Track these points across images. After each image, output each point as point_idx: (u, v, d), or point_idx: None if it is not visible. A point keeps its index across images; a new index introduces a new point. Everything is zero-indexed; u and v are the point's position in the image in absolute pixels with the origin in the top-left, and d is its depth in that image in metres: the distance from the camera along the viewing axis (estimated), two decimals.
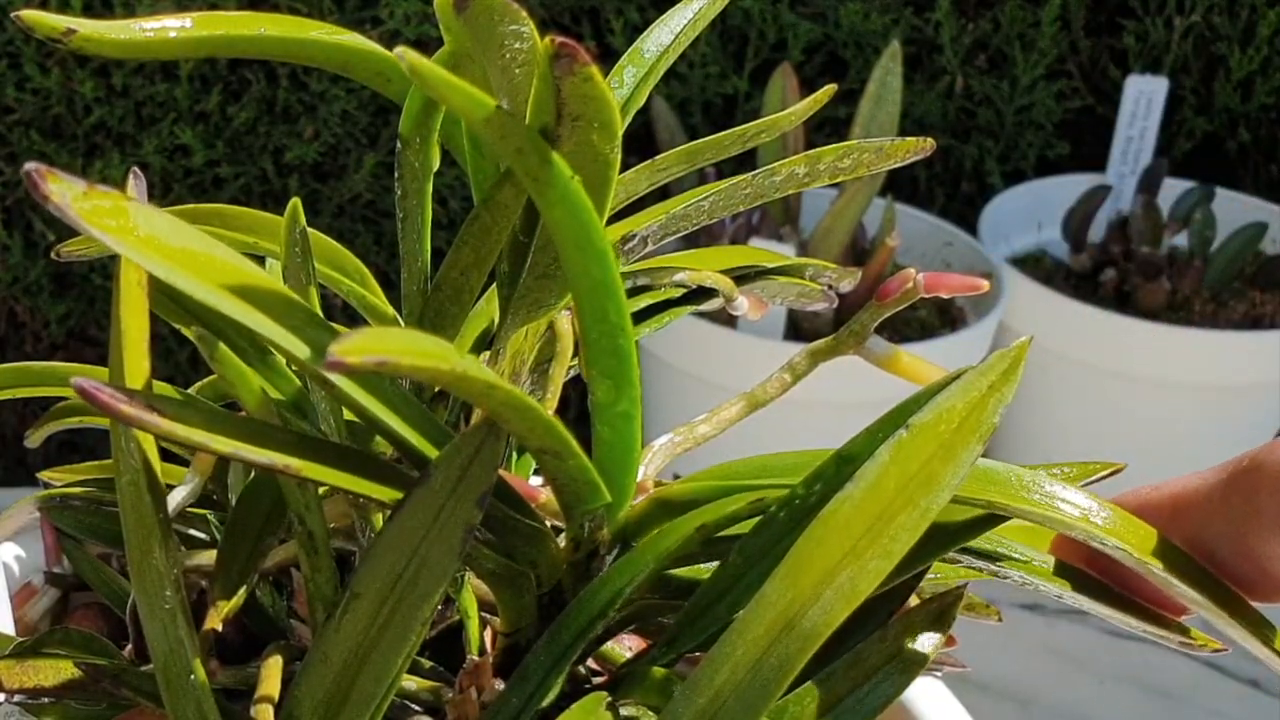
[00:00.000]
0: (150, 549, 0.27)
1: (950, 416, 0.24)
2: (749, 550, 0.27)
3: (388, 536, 0.25)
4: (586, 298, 0.25)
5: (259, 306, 0.23)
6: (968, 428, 0.24)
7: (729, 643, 0.24)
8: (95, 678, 0.32)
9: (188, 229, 0.23)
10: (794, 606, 0.23)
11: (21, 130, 1.07)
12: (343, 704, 0.25)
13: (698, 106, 1.20)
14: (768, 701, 0.23)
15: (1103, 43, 1.27)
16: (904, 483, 0.24)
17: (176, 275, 0.22)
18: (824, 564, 0.23)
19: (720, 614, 0.27)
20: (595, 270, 0.25)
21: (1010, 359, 0.25)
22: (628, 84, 0.34)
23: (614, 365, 0.26)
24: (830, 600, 0.23)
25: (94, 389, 0.22)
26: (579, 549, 0.29)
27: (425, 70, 0.22)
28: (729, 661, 0.24)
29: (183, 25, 0.30)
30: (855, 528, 0.24)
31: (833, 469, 0.26)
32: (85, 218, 0.21)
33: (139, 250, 0.22)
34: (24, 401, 0.39)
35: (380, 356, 0.20)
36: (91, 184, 0.22)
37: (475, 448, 0.24)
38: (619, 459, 0.27)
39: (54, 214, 0.21)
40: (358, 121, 1.12)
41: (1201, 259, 1.13)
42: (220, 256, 0.23)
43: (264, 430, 0.25)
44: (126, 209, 0.22)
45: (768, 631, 0.23)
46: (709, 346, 0.98)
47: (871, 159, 0.35)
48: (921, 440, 0.24)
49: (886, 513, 0.24)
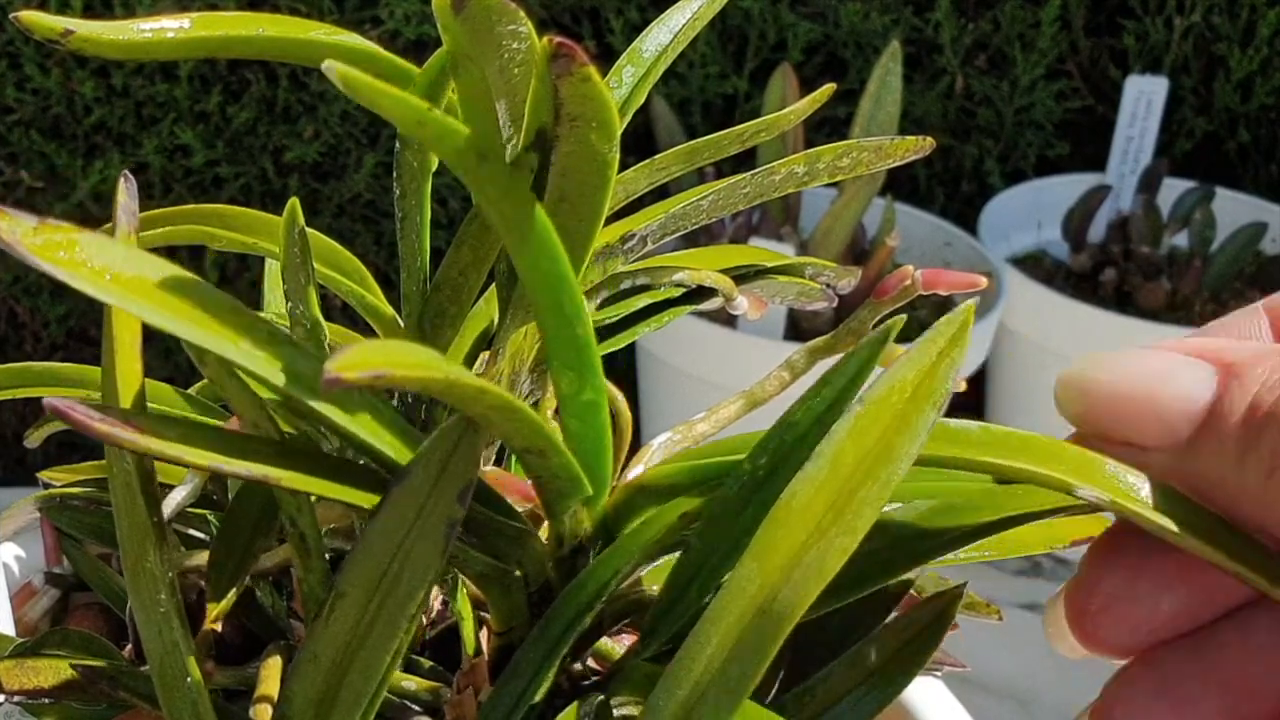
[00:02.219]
0: (145, 552, 0.27)
1: (903, 386, 0.24)
2: (707, 534, 0.27)
3: (371, 535, 0.25)
4: (540, 291, 0.25)
5: (214, 328, 0.23)
6: (920, 396, 0.24)
7: (703, 632, 0.24)
8: (93, 679, 0.32)
9: (143, 257, 0.23)
10: (764, 590, 0.23)
11: (21, 130, 1.07)
12: (334, 702, 0.26)
13: (697, 106, 1.20)
14: (747, 686, 0.23)
15: (1103, 43, 1.27)
16: (861, 457, 0.24)
17: (127, 302, 0.22)
18: (789, 545, 0.23)
19: (691, 600, 0.27)
20: (544, 263, 0.25)
21: (958, 324, 0.25)
22: (626, 84, 0.34)
23: (573, 355, 0.26)
24: (800, 580, 0.23)
25: (67, 408, 0.22)
26: (562, 545, 0.29)
27: (355, 80, 0.22)
28: (705, 650, 0.24)
29: (181, 26, 0.30)
30: (817, 506, 0.24)
31: (776, 440, 0.27)
32: (36, 253, 0.22)
33: (90, 282, 0.22)
34: (24, 401, 0.39)
35: (377, 370, 0.20)
36: (43, 219, 0.22)
37: (453, 443, 0.25)
38: (590, 449, 0.27)
39: (7, 251, 0.22)
40: (358, 121, 1.12)
41: (1201, 259, 1.13)
42: (173, 282, 0.23)
43: (243, 442, 0.25)
44: (78, 241, 0.22)
45: (740, 618, 0.23)
46: (709, 346, 0.99)
47: (871, 158, 0.35)
48: (876, 413, 0.24)
49: (846, 488, 0.24)
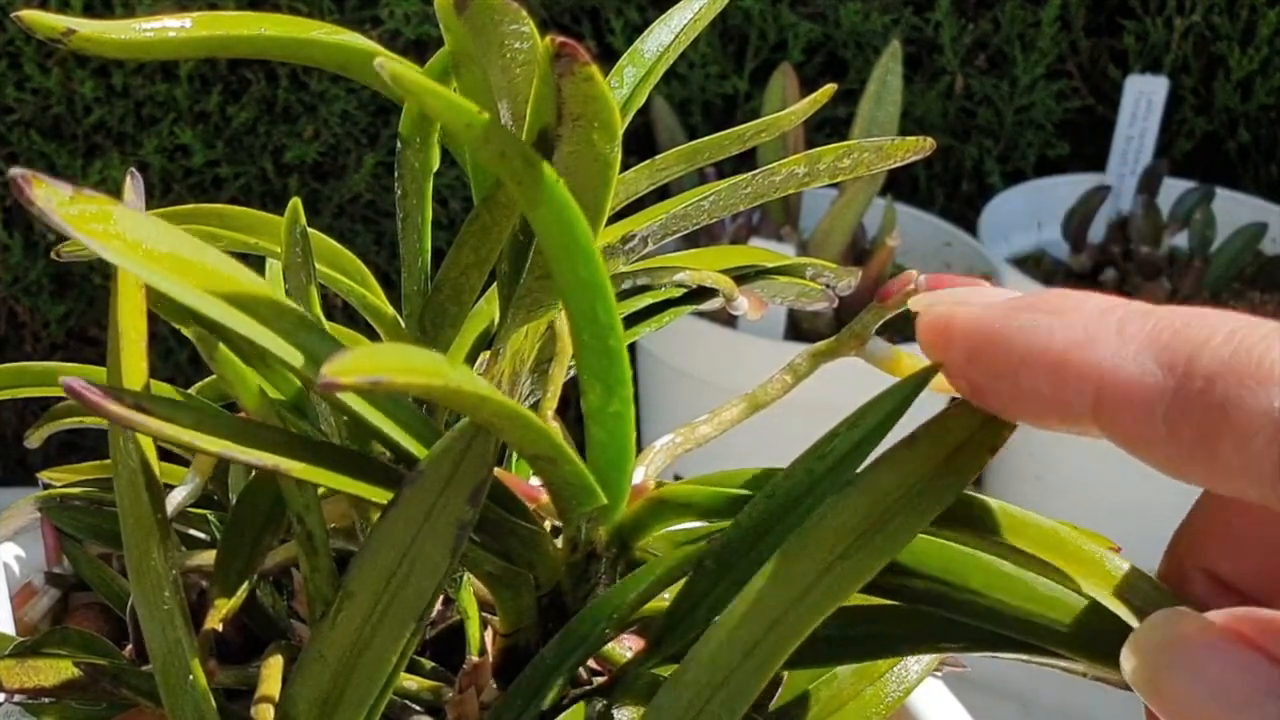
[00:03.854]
0: (149, 550, 0.27)
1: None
2: (723, 556, 0.27)
3: (380, 534, 0.25)
4: (575, 300, 0.25)
5: (248, 311, 0.23)
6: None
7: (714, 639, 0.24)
8: (94, 678, 0.32)
9: (177, 233, 0.23)
10: (778, 610, 0.24)
11: (21, 130, 1.07)
12: (339, 702, 0.26)
13: (698, 106, 1.20)
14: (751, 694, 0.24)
15: (1103, 43, 1.27)
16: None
17: (161, 279, 0.22)
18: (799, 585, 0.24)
19: (700, 618, 0.27)
20: (583, 271, 0.25)
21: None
22: (628, 84, 0.34)
23: (605, 366, 0.26)
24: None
25: (83, 389, 0.22)
26: (576, 550, 0.29)
27: (407, 79, 0.22)
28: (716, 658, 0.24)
29: (182, 25, 0.30)
30: (850, 527, 0.24)
31: (803, 470, 0.27)
32: (71, 222, 0.21)
33: (125, 255, 0.22)
34: (24, 401, 0.39)
35: (374, 376, 0.20)
36: (78, 189, 0.22)
37: (466, 445, 0.25)
38: (613, 460, 0.27)
39: (39, 219, 0.21)
40: (358, 121, 1.12)
41: (1201, 259, 1.13)
42: (210, 261, 0.23)
43: (255, 430, 0.25)
44: (112, 213, 0.22)
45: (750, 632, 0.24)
46: (709, 346, 0.99)
47: (871, 158, 0.35)
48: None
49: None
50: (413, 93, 0.22)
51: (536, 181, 0.23)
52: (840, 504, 0.24)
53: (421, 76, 0.22)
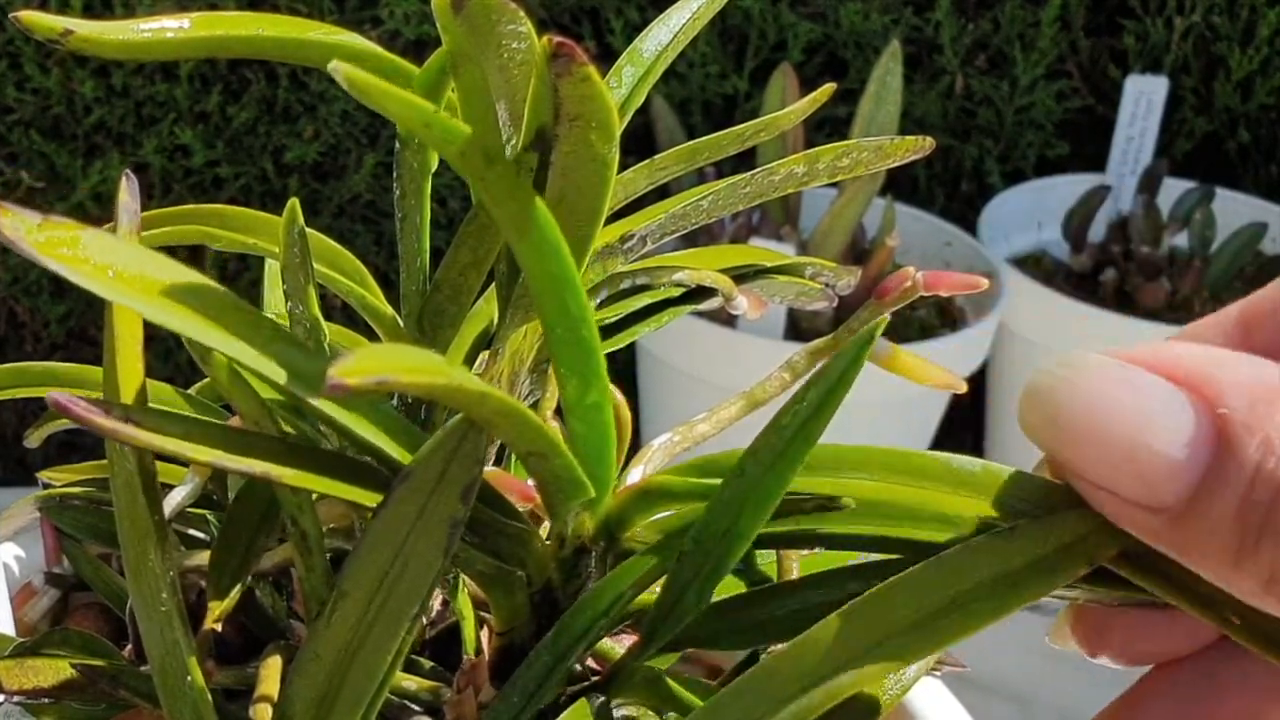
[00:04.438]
0: (146, 551, 0.27)
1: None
2: (702, 538, 0.27)
3: (373, 534, 0.25)
4: (545, 294, 0.25)
5: (221, 325, 0.23)
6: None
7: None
8: (93, 679, 0.32)
9: (146, 254, 0.23)
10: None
11: (21, 130, 1.07)
12: (335, 701, 0.26)
13: (697, 106, 1.20)
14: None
15: (1103, 43, 1.27)
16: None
17: (130, 299, 0.22)
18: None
19: (689, 604, 0.27)
20: (549, 265, 0.25)
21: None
22: (626, 83, 0.34)
23: (579, 358, 0.26)
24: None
25: (69, 403, 0.22)
26: (564, 546, 0.29)
27: (362, 81, 0.22)
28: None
29: (181, 26, 0.30)
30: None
31: (766, 443, 0.27)
32: (39, 249, 0.22)
33: (93, 278, 0.22)
34: (24, 401, 0.39)
35: (380, 376, 0.20)
36: (47, 216, 0.22)
37: (456, 443, 0.25)
38: (594, 452, 0.27)
39: (9, 248, 0.22)
40: (358, 121, 1.12)
41: (1201, 259, 1.13)
42: (180, 279, 0.23)
43: (246, 438, 0.25)
44: (80, 239, 0.22)
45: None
46: (708, 346, 0.98)
47: (870, 158, 0.35)
48: None
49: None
50: (368, 95, 0.22)
51: (499, 179, 0.24)
52: (921, 577, 0.24)
53: (376, 79, 0.22)
